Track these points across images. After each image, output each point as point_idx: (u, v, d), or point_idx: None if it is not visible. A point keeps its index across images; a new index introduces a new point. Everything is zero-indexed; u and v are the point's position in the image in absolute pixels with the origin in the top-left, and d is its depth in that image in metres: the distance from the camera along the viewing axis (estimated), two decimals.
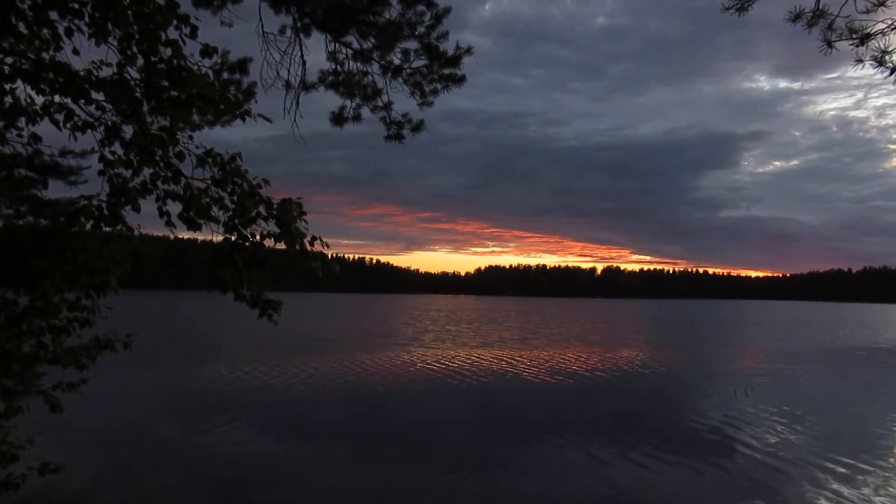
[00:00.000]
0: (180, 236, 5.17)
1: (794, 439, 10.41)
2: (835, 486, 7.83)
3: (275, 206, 4.50)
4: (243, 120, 4.66)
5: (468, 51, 5.90)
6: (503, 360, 20.90)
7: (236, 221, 4.73)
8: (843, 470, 8.57)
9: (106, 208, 4.91)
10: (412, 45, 5.92)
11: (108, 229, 5.08)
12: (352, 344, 26.15)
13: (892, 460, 9.18)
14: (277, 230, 4.45)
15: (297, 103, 6.17)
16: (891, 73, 3.87)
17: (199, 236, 4.99)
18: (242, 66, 6.28)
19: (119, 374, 14.70)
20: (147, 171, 4.89)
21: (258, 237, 4.63)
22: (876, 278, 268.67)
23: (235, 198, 4.76)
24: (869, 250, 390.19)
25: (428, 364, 19.54)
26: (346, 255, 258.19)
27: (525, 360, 21.01)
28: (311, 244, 4.50)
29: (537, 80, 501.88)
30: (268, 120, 4.75)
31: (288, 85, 6.20)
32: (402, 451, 9.37)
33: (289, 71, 6.12)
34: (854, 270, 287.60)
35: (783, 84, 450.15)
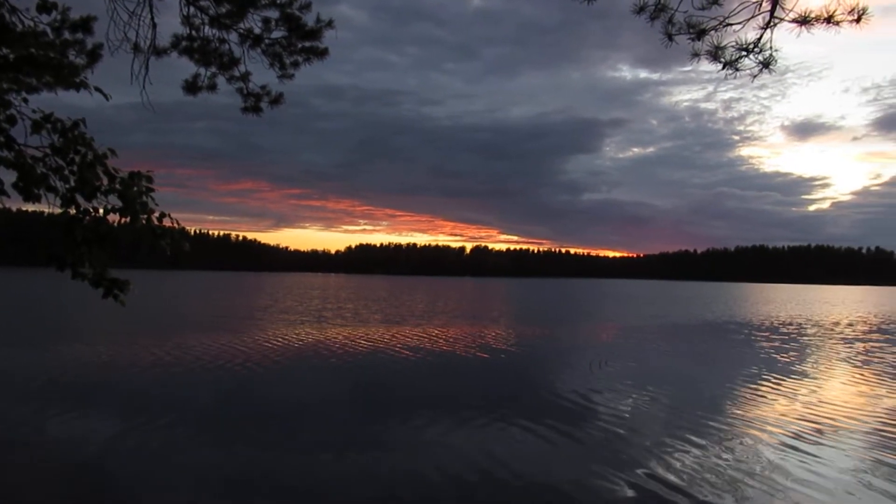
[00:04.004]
0: (23, 208, 4.74)
1: (645, 407, 11.14)
2: (682, 450, 8.44)
3: (118, 179, 4.21)
4: (77, 91, 4.29)
5: (329, 24, 5.76)
6: (377, 338, 20.88)
7: (76, 194, 4.40)
8: (689, 434, 9.26)
9: None
10: (273, 14, 5.72)
11: None
12: (222, 324, 25.16)
13: (731, 423, 10.04)
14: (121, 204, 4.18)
15: (147, 68, 5.80)
16: (723, 68, 4.19)
17: (44, 208, 4.58)
18: (86, 24, 5.79)
19: None
20: None
21: (101, 211, 4.33)
22: (718, 259, 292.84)
23: (76, 168, 4.41)
24: (713, 234, 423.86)
25: (301, 343, 19.18)
26: (210, 232, 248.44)
27: (397, 338, 21.10)
28: (160, 220, 4.27)
29: (413, 58, 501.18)
30: (105, 96, 4.40)
31: (136, 48, 5.79)
32: (272, 431, 9.14)
33: (137, 33, 5.72)
34: (699, 251, 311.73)
35: (643, 74, 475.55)
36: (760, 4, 4.01)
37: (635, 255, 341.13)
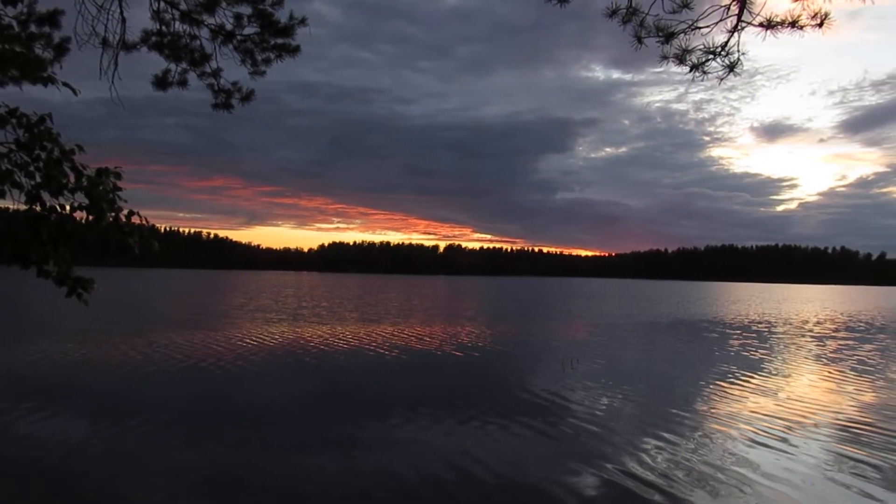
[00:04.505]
0: None
1: (618, 405, 11.24)
2: (655, 446, 8.54)
3: (85, 177, 4.14)
4: (45, 85, 4.21)
5: (302, 21, 5.71)
6: (352, 337, 20.80)
7: (42, 191, 4.32)
8: (662, 430, 9.37)
9: None
10: (245, 9, 5.66)
11: None
12: (196, 322, 24.86)
13: (703, 419, 10.19)
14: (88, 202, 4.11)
15: (116, 63, 5.70)
16: (690, 71, 4.26)
17: (9, 205, 4.49)
18: (53, 18, 5.69)
19: None
20: None
21: (67, 209, 4.26)
22: (688, 258, 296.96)
23: (42, 164, 4.34)
24: (684, 233, 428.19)
25: (277, 341, 19.04)
26: (181, 229, 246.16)
27: (372, 336, 21.05)
28: (129, 218, 4.20)
29: (387, 56, 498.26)
30: (73, 91, 4.31)
31: (105, 42, 5.70)
32: (248, 431, 9.05)
33: (106, 27, 5.62)
34: (670, 251, 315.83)
35: (616, 75, 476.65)
36: (728, 8, 4.09)
37: (607, 254, 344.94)
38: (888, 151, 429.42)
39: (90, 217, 4.16)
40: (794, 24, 3.96)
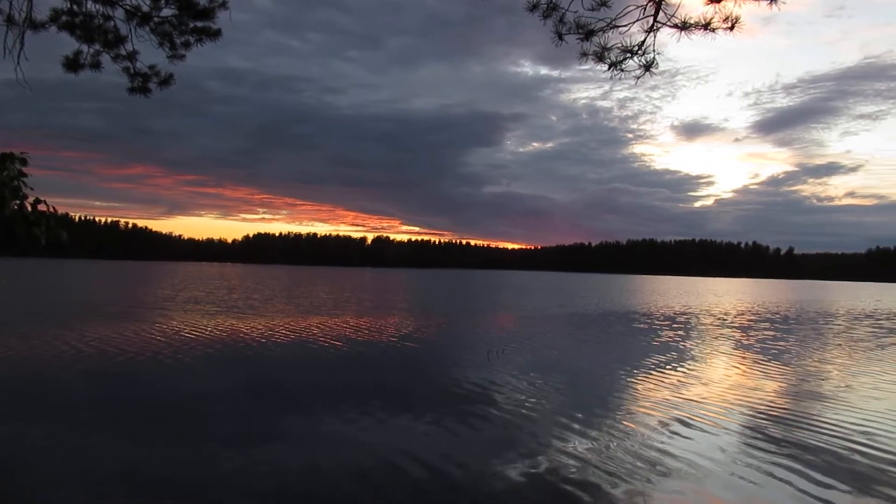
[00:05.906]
0: None
1: (543, 395, 11.44)
2: (580, 437, 8.72)
3: None
4: None
5: (223, 4, 5.52)
6: (280, 329, 20.44)
7: None
8: (586, 421, 9.58)
9: None
10: None
11: None
12: (113, 315, 23.90)
13: (619, 408, 10.49)
14: None
15: (22, 42, 5.38)
16: (609, 69, 4.37)
17: None
18: None
19: None
20: None
21: None
22: (611, 252, 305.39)
23: None
24: (607, 227, 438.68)
25: (200, 334, 18.50)
26: (97, 218, 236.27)
27: (299, 329, 20.73)
28: (35, 206, 4.00)
29: (316, 45, 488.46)
30: None
31: (10, 20, 5.37)
32: (167, 426, 8.74)
33: (11, 4, 5.29)
34: (594, 244, 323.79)
35: (544, 71, 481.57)
36: (645, 8, 4.21)
37: (533, 248, 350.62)
38: (797, 152, 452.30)
39: None
40: (706, 26, 4.12)
